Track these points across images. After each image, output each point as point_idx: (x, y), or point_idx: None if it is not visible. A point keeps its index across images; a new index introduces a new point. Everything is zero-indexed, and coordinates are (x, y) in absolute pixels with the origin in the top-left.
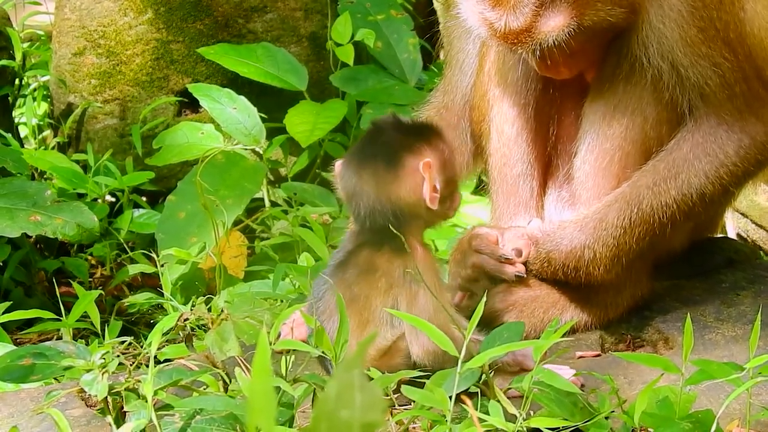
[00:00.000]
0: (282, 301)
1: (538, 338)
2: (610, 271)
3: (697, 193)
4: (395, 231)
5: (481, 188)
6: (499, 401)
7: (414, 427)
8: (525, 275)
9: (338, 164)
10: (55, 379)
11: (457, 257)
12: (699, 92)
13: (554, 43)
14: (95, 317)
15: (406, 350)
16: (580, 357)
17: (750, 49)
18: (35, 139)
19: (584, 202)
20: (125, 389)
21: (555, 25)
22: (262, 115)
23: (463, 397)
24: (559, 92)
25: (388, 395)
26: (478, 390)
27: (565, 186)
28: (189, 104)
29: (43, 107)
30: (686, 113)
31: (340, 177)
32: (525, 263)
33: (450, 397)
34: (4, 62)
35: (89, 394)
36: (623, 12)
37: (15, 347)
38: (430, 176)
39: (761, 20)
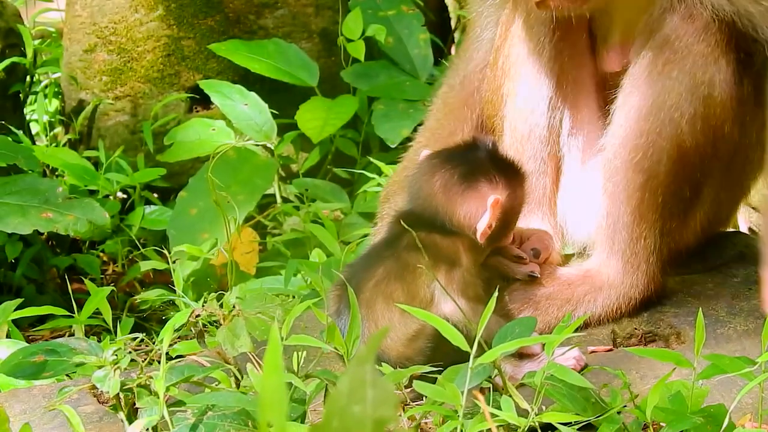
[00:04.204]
0: (294, 297)
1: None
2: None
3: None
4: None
5: None
6: (511, 396)
7: (426, 423)
8: (538, 275)
9: (425, 152)
10: (67, 375)
11: None
12: None
13: None
14: (107, 314)
15: (430, 330)
16: (592, 352)
17: None
18: (47, 136)
19: (610, 195)
20: (137, 386)
21: None
22: (274, 111)
23: (475, 392)
24: (572, 87)
25: (399, 390)
26: (490, 385)
27: (584, 182)
28: (200, 101)
29: (55, 104)
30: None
31: (418, 164)
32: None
33: (462, 392)
34: (15, 59)
35: (101, 391)
36: None
37: (27, 344)
38: (492, 213)
39: None
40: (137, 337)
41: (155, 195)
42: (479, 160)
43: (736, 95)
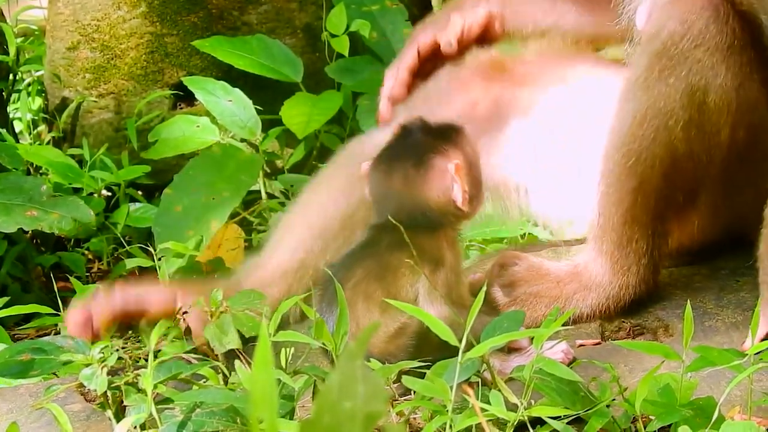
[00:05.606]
0: None
1: None
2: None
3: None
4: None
5: None
6: (500, 390)
7: (414, 418)
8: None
9: (365, 165)
10: (54, 374)
11: None
12: None
13: None
14: None
15: (413, 328)
16: (581, 345)
17: None
18: (30, 134)
19: (603, 196)
20: (125, 383)
21: None
22: (258, 107)
23: (464, 386)
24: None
25: (388, 386)
26: (479, 380)
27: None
28: (184, 97)
29: (38, 102)
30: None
31: (369, 179)
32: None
33: (451, 387)
34: None
35: (89, 389)
36: None
37: (13, 343)
38: (460, 177)
39: None
40: (124, 335)
41: (140, 192)
42: (418, 141)
43: (738, 101)
